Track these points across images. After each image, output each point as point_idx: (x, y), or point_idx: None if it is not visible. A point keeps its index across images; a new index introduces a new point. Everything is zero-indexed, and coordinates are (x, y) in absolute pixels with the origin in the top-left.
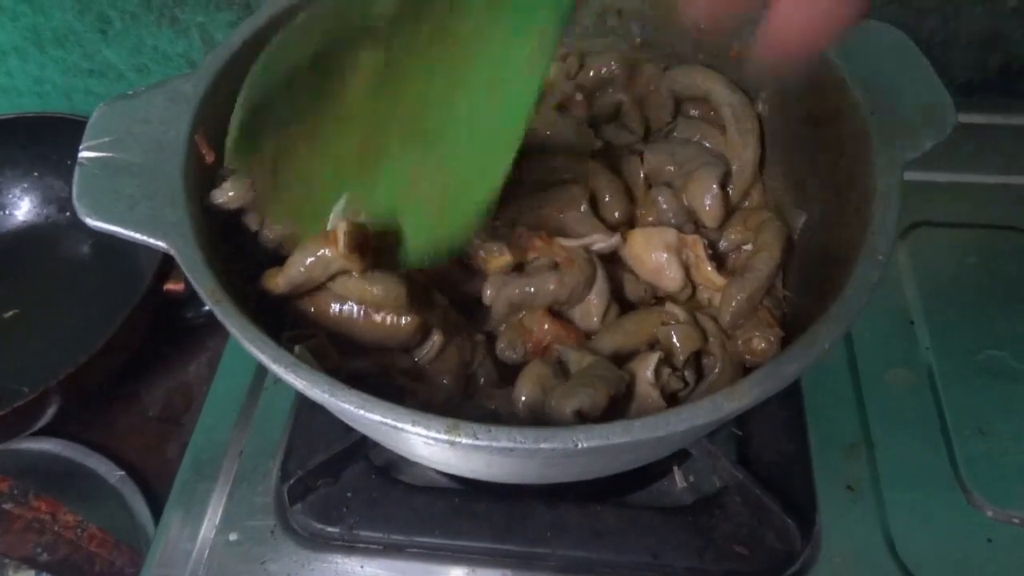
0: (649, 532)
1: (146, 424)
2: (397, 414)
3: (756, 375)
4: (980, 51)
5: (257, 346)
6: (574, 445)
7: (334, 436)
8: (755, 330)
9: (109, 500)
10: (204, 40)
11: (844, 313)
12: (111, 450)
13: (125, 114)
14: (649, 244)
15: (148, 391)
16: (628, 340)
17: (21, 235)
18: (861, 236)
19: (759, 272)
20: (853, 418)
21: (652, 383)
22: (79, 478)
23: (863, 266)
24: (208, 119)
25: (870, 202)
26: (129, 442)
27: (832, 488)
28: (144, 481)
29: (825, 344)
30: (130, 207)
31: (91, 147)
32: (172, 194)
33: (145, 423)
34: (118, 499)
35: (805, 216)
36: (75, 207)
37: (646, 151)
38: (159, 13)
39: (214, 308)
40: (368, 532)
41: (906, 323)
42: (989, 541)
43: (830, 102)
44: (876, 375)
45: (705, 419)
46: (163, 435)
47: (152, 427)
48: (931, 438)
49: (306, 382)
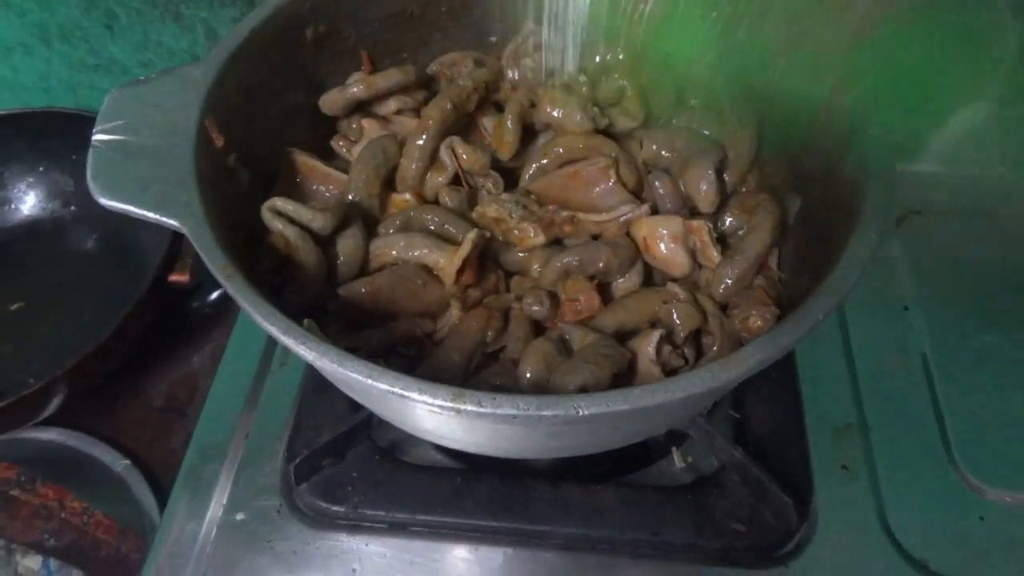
0: (649, 510)
1: (151, 414)
2: (404, 383)
3: (752, 346)
4: None
5: (269, 320)
6: (576, 412)
7: (339, 417)
8: (752, 308)
9: (114, 488)
10: (208, 36)
11: (838, 286)
12: (116, 440)
13: (137, 99)
14: (656, 234)
15: (153, 382)
16: (630, 318)
17: (27, 229)
18: (855, 216)
19: (748, 252)
20: (848, 401)
21: (653, 360)
22: (85, 467)
23: (857, 242)
24: (217, 105)
25: (865, 184)
26: (134, 432)
27: (828, 468)
28: (149, 470)
29: (819, 315)
30: (143, 188)
31: (104, 130)
32: (183, 176)
33: (150, 413)
34: (123, 487)
35: (800, 200)
36: (89, 187)
37: (644, 137)
38: (164, 9)
39: (225, 284)
40: (372, 511)
41: (900, 309)
42: (981, 519)
43: None
44: (871, 359)
45: (702, 387)
46: (167, 425)
47: (156, 417)
48: (925, 420)
49: (316, 353)
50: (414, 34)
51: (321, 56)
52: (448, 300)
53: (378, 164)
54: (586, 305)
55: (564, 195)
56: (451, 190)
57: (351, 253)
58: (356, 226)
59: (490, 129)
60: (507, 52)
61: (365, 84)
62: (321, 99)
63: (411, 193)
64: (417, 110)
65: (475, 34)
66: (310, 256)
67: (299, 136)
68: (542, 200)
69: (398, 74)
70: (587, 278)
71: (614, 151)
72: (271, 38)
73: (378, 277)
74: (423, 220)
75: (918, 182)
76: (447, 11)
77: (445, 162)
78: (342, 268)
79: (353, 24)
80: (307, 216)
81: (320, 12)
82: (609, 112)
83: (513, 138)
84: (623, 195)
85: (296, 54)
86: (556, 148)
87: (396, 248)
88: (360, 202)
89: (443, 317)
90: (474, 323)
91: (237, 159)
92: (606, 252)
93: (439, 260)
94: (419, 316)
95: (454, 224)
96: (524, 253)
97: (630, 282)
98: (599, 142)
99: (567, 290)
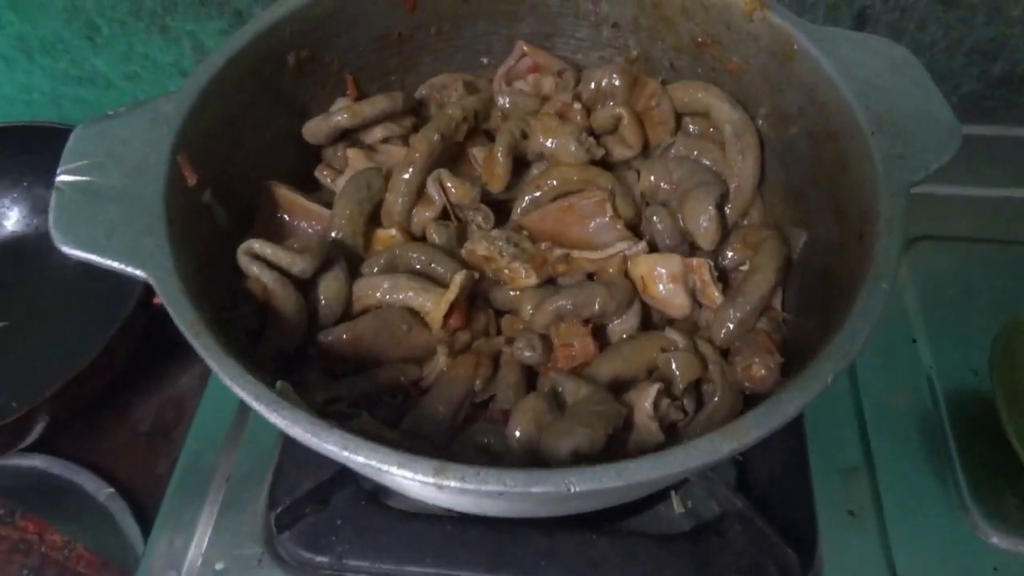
0: (646, 561)
1: (136, 439)
2: (382, 455)
3: (756, 413)
4: (983, 59)
5: (238, 383)
6: (567, 489)
7: (323, 460)
8: (754, 356)
9: (98, 518)
10: (195, 48)
11: (847, 346)
12: (100, 466)
13: (104, 136)
14: (654, 273)
15: (139, 405)
16: (627, 367)
17: (10, 246)
18: (864, 262)
19: (751, 295)
20: (855, 441)
21: (651, 415)
22: (68, 496)
23: (866, 295)
24: (191, 139)
25: (873, 226)
26: (119, 458)
27: (833, 514)
28: (134, 498)
29: (828, 379)
30: (108, 234)
31: (69, 170)
32: (152, 220)
33: (135, 438)
34: (107, 517)
35: (806, 235)
36: (51, 233)
37: (642, 167)
38: (148, 21)
39: (193, 341)
40: (358, 561)
41: (908, 341)
42: (995, 570)
43: (831, 119)
44: (878, 396)
45: (702, 461)
46: (153, 450)
47: (142, 442)
48: (935, 462)
49: (288, 421)
50: (402, 56)
51: (304, 81)
52: (435, 345)
53: (362, 199)
54: (580, 351)
55: (558, 229)
56: (439, 225)
57: (333, 296)
58: (339, 267)
59: (480, 160)
60: (499, 74)
61: (350, 113)
62: (304, 127)
63: (397, 229)
64: (405, 137)
65: (466, 55)
66: (289, 302)
67: (281, 165)
68: (535, 235)
69: (384, 101)
70: (582, 322)
71: (610, 183)
72: (250, 66)
73: (360, 322)
74: (409, 259)
75: (927, 204)
76: (436, 33)
77: (433, 196)
78: (324, 312)
79: (337, 48)
80: (286, 259)
81: (302, 37)
82: (605, 141)
83: (504, 171)
84: (619, 231)
85: (277, 81)
86: (549, 180)
87: (380, 290)
88: (343, 240)
89: (430, 363)
90: (462, 371)
91: (213, 195)
92: (602, 294)
93: (425, 304)
94: (404, 362)
95: (442, 263)
96: (516, 292)
97: (627, 324)
98: (594, 174)
99: (561, 335)
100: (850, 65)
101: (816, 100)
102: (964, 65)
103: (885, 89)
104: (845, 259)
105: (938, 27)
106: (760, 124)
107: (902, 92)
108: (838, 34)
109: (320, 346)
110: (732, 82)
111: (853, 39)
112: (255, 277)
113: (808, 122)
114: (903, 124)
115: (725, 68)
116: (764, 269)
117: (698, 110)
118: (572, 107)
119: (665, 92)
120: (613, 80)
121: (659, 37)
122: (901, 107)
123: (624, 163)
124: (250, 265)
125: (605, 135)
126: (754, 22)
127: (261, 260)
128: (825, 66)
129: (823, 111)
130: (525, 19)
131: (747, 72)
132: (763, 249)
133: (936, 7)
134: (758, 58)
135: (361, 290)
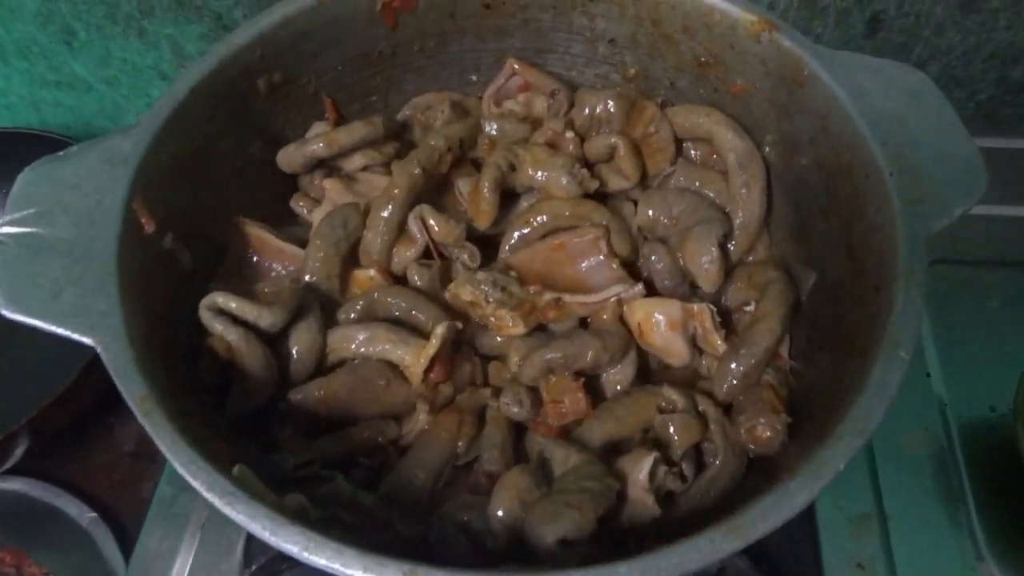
0: None
1: (119, 461)
2: (346, 559)
3: (762, 505)
4: (1002, 65)
5: (189, 470)
6: None
7: None
8: (759, 416)
9: (79, 544)
10: (175, 52)
11: (861, 425)
12: (83, 489)
13: (53, 179)
14: (651, 320)
15: (122, 426)
16: (620, 429)
17: None
18: (879, 320)
19: (756, 347)
20: (865, 486)
21: (646, 488)
22: (48, 520)
23: (883, 365)
24: (150, 179)
25: (891, 280)
26: (102, 480)
27: (841, 567)
28: (117, 523)
29: (839, 464)
30: (54, 295)
31: (14, 221)
32: (103, 277)
33: (118, 460)
34: (88, 543)
35: (815, 276)
36: None
37: (640, 199)
38: (125, 25)
39: (143, 420)
40: None
41: (922, 376)
42: None
43: (843, 153)
44: (890, 436)
45: (700, 562)
46: (137, 472)
47: (126, 464)
48: (949, 508)
49: (244, 516)
50: (384, 75)
51: (278, 106)
52: (415, 401)
53: (338, 240)
54: (571, 408)
55: (548, 269)
56: (421, 266)
57: (306, 350)
58: (312, 316)
59: (466, 193)
60: (488, 94)
61: (326, 141)
62: (278, 155)
63: (376, 269)
64: (387, 164)
65: (453, 72)
66: (256, 361)
67: (254, 197)
68: (523, 276)
69: (363, 128)
70: (573, 375)
71: (605, 218)
72: (216, 95)
73: (335, 378)
74: (388, 305)
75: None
76: (420, 50)
77: (415, 234)
78: (295, 367)
79: (313, 69)
80: (253, 313)
81: (273, 60)
82: (599, 170)
83: (490, 207)
84: (614, 271)
85: (248, 107)
86: (539, 216)
87: (355, 343)
88: (318, 284)
89: (409, 420)
90: (443, 431)
91: (175, 239)
92: (594, 346)
93: (404, 357)
94: (382, 418)
95: (423, 310)
96: (503, 338)
97: (622, 375)
98: (588, 209)
99: (550, 389)
100: (865, 93)
101: (829, 131)
102: (982, 71)
103: (903, 120)
104: (859, 310)
105: (955, 32)
106: (767, 152)
107: (921, 124)
108: (853, 59)
109: (291, 405)
110: (737, 105)
111: (869, 65)
112: (218, 335)
113: (819, 153)
114: (922, 163)
115: (729, 90)
116: (770, 318)
117: (699, 136)
118: (564, 136)
119: (665, 117)
120: (608, 106)
121: (659, 55)
122: (920, 141)
123: (621, 194)
124: (213, 322)
125: (600, 164)
126: (762, 43)
127: (226, 315)
128: (839, 95)
129: (836, 144)
130: (516, 34)
131: (753, 96)
132: (769, 294)
133: (954, 12)
134: (765, 82)
135: (336, 341)
